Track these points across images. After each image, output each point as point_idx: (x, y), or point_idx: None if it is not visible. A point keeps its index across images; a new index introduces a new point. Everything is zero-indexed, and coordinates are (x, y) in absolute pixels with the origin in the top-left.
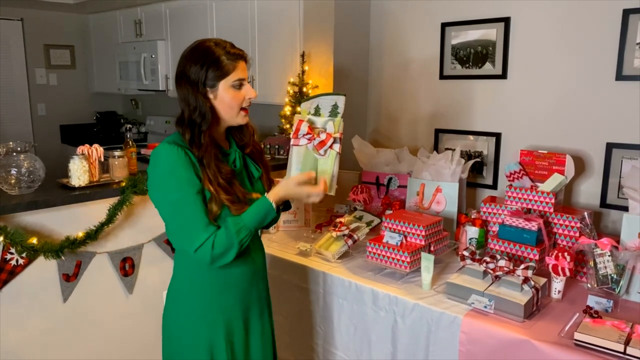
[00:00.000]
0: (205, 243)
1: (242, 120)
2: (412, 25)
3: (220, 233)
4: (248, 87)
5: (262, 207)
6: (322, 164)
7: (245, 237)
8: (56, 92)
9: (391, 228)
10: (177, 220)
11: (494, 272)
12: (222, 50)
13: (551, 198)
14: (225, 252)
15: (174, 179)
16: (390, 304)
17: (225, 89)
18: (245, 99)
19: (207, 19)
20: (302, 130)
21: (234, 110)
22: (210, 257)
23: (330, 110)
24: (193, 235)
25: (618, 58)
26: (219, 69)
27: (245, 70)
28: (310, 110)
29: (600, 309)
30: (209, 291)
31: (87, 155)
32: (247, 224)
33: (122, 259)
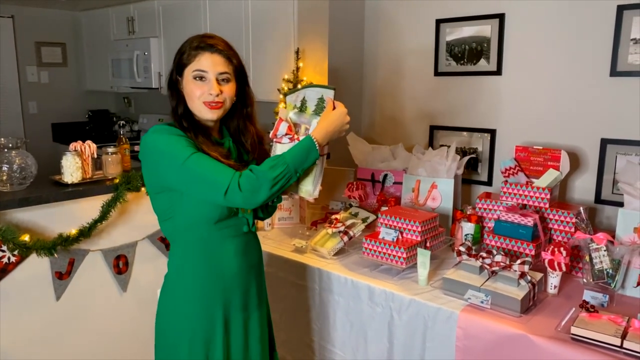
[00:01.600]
0: (232, 183)
1: (207, 115)
2: (407, 21)
3: (247, 171)
4: (212, 81)
5: (305, 144)
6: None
7: (281, 174)
8: (48, 90)
9: (387, 224)
10: (197, 177)
11: (490, 267)
12: (195, 40)
13: (546, 194)
14: (256, 189)
15: (175, 144)
16: (386, 300)
17: (187, 79)
18: (205, 93)
19: (201, 15)
20: (281, 131)
21: (194, 103)
22: (241, 197)
23: (316, 104)
24: (218, 180)
25: (612, 54)
26: (182, 56)
27: (216, 64)
28: (296, 103)
29: (596, 304)
30: (203, 287)
31: (80, 151)
32: (286, 159)
33: (115, 256)
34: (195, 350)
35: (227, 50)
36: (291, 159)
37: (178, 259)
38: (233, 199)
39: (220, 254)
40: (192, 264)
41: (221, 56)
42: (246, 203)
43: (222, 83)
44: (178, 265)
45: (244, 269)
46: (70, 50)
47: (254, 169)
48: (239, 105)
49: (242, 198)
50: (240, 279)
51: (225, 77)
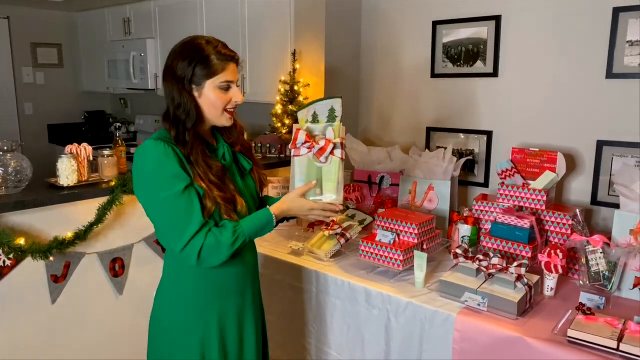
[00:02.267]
0: (193, 242)
1: (227, 122)
2: (404, 23)
3: (212, 237)
4: (236, 90)
5: (263, 218)
6: (325, 172)
7: (239, 247)
8: (44, 91)
9: (384, 226)
10: (165, 219)
11: (487, 270)
12: (213, 50)
13: (543, 196)
14: (214, 257)
15: (160, 176)
16: (383, 302)
17: (212, 89)
18: (232, 101)
19: (197, 17)
20: (300, 139)
21: (218, 111)
22: (196, 258)
23: (327, 115)
24: (181, 233)
25: (608, 56)
26: (207, 67)
27: (235, 73)
28: (308, 118)
29: (592, 306)
30: (200, 291)
31: (75, 154)
32: (245, 232)
33: (112, 259)
34: (191, 355)
35: (238, 57)
36: (249, 232)
37: (174, 264)
38: (189, 255)
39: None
40: (187, 269)
41: (236, 65)
42: (199, 263)
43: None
44: (174, 270)
45: (240, 273)
46: (67, 51)
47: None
48: None
49: (195, 262)
50: (236, 283)
51: (238, 84)
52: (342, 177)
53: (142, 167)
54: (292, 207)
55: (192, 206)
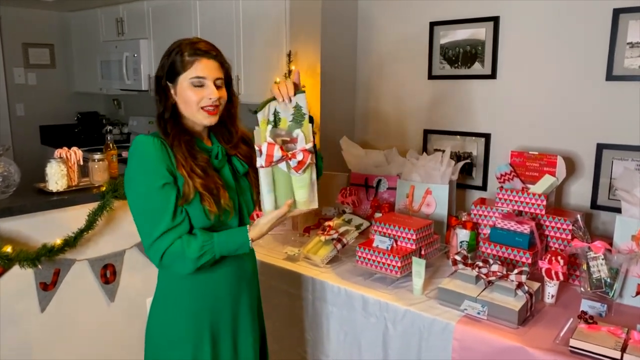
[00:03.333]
0: (158, 242)
1: (206, 121)
2: (400, 24)
3: (179, 245)
4: (211, 87)
5: (238, 239)
6: (298, 179)
7: (205, 262)
8: (35, 92)
9: (381, 232)
10: (139, 214)
11: (486, 277)
12: (188, 46)
13: (542, 200)
14: (178, 265)
15: (142, 170)
16: (380, 310)
17: (184, 85)
18: (205, 98)
19: (191, 17)
20: (276, 157)
21: (192, 108)
22: (158, 260)
23: (293, 113)
24: (150, 231)
25: (608, 58)
26: (178, 63)
27: (212, 70)
28: (270, 118)
29: (594, 314)
30: (195, 298)
31: (65, 158)
32: (214, 249)
33: (103, 265)
34: None
35: (220, 55)
36: (220, 249)
37: (167, 274)
38: (152, 256)
39: (210, 269)
40: (179, 280)
41: (216, 61)
42: (160, 267)
43: (218, 89)
44: (167, 280)
45: (235, 279)
46: (59, 51)
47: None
48: (225, 106)
49: (157, 264)
50: (230, 290)
51: (219, 83)
52: (315, 177)
53: (129, 160)
54: (272, 227)
55: (166, 205)
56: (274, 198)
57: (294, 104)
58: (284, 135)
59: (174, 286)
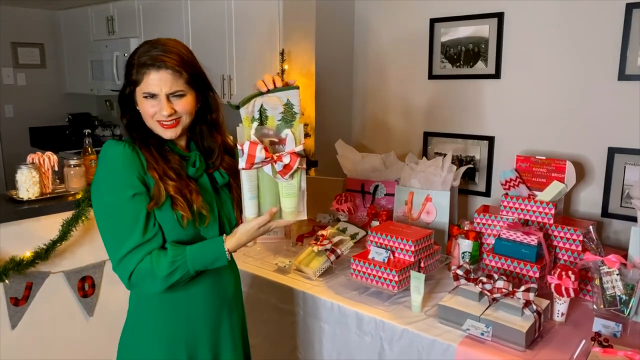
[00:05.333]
0: (126, 260)
1: (165, 135)
2: (399, 21)
3: (148, 262)
4: (163, 102)
5: (213, 251)
6: (286, 186)
7: (178, 280)
8: (25, 92)
9: (377, 243)
10: (106, 228)
11: (491, 294)
12: (141, 55)
13: (551, 208)
14: (147, 284)
15: (110, 179)
16: (376, 328)
17: (139, 97)
18: (157, 112)
19: (182, 15)
20: (259, 158)
21: (149, 122)
22: (127, 280)
23: (282, 111)
24: (117, 247)
25: (621, 56)
26: (133, 75)
27: (164, 82)
28: (254, 115)
29: (608, 334)
30: (168, 323)
31: (38, 164)
32: (187, 264)
33: (80, 278)
34: None
35: (175, 63)
36: (193, 264)
37: (137, 295)
38: (120, 275)
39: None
40: (150, 302)
41: (168, 72)
42: (129, 287)
43: (175, 99)
44: (137, 303)
45: (214, 302)
46: (49, 51)
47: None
48: (202, 112)
49: (126, 284)
50: (209, 315)
51: (178, 94)
52: (304, 185)
53: (97, 167)
54: (252, 237)
55: (136, 218)
56: (257, 205)
57: (285, 100)
58: (271, 135)
59: (144, 310)
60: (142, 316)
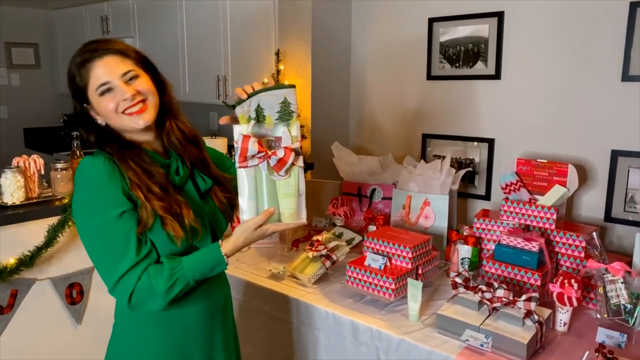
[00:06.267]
0: (124, 281)
1: (135, 124)
2: (397, 21)
3: (146, 279)
4: (120, 86)
5: (211, 258)
6: (283, 185)
7: (179, 292)
8: (19, 93)
9: (374, 249)
10: (96, 251)
11: (490, 303)
12: (77, 57)
13: (552, 213)
14: (149, 303)
15: (94, 199)
16: (372, 338)
17: (95, 99)
18: (120, 102)
19: (177, 14)
20: (252, 151)
21: (116, 119)
22: (127, 301)
23: (279, 110)
24: (111, 269)
25: (624, 56)
26: (77, 80)
27: (115, 67)
28: (250, 115)
29: (612, 344)
30: (158, 340)
31: (23, 167)
32: (186, 275)
33: (68, 285)
34: None
35: (116, 46)
36: (192, 274)
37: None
38: (119, 297)
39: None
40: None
41: (114, 56)
42: (130, 308)
43: (131, 82)
44: (126, 321)
45: (206, 315)
46: (44, 51)
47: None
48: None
49: (126, 306)
50: (202, 328)
51: (131, 75)
52: (303, 188)
53: (76, 188)
54: (249, 239)
55: (127, 237)
56: (256, 206)
57: (282, 99)
58: (269, 135)
59: (133, 326)
60: (132, 332)
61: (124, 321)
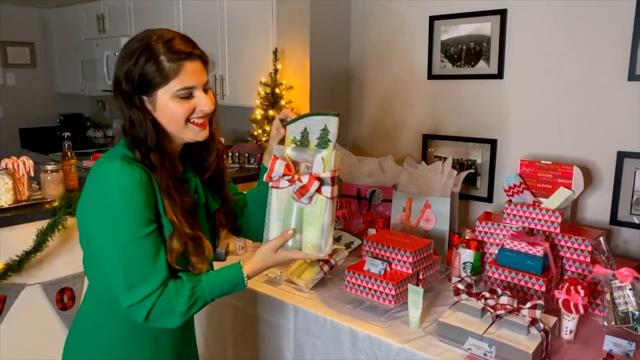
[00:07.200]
0: (145, 301)
1: (196, 136)
2: (397, 19)
3: (166, 297)
4: (202, 96)
5: (232, 279)
6: (308, 214)
7: (197, 310)
8: (15, 92)
9: (373, 253)
10: (120, 267)
11: (494, 310)
12: (164, 47)
13: (557, 216)
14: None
15: (128, 213)
16: (371, 346)
17: (167, 98)
18: (196, 110)
19: (174, 12)
20: (277, 172)
21: (179, 125)
22: (143, 319)
23: (318, 137)
24: (134, 287)
25: (631, 55)
26: (156, 73)
27: (201, 74)
28: (297, 136)
29: (620, 353)
30: (133, 342)
31: (12, 169)
32: (205, 294)
33: (59, 290)
34: None
35: (202, 51)
36: (211, 292)
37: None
38: (135, 314)
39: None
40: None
41: (200, 62)
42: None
43: (206, 93)
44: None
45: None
46: (39, 50)
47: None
48: None
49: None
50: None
51: (208, 86)
52: (329, 221)
53: (102, 197)
54: (268, 263)
55: (156, 256)
56: (282, 228)
57: (323, 126)
58: (306, 158)
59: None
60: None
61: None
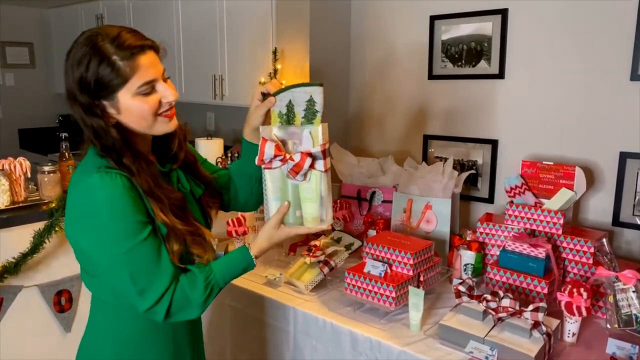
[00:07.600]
0: (161, 300)
1: (167, 128)
2: (398, 19)
3: (180, 291)
4: (164, 87)
5: (241, 262)
6: (304, 190)
7: (213, 297)
8: (14, 93)
9: (373, 255)
10: (128, 276)
11: (496, 313)
12: (112, 46)
13: (559, 218)
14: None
15: (121, 225)
16: (372, 349)
17: (129, 98)
18: (162, 103)
19: (173, 12)
20: (268, 154)
21: (149, 122)
22: (163, 316)
23: (305, 108)
24: (146, 291)
25: (633, 55)
26: (109, 76)
27: (157, 64)
28: (282, 110)
29: (623, 356)
30: (144, 350)
31: (8, 170)
32: (219, 281)
33: (56, 292)
34: None
35: (152, 41)
36: (223, 278)
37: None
38: (155, 314)
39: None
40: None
41: (154, 52)
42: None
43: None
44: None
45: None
46: (39, 50)
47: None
48: None
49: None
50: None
51: (166, 75)
52: (326, 192)
53: (90, 215)
54: (273, 240)
55: (159, 257)
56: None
57: (308, 96)
58: (293, 134)
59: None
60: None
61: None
